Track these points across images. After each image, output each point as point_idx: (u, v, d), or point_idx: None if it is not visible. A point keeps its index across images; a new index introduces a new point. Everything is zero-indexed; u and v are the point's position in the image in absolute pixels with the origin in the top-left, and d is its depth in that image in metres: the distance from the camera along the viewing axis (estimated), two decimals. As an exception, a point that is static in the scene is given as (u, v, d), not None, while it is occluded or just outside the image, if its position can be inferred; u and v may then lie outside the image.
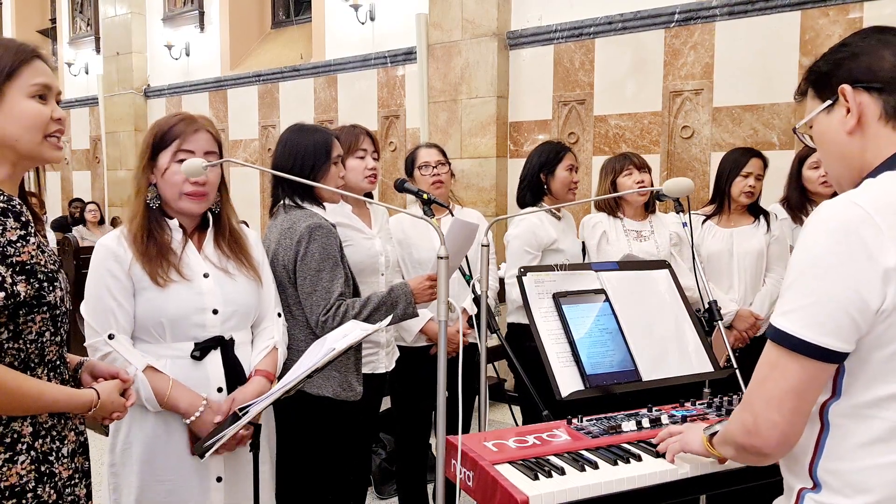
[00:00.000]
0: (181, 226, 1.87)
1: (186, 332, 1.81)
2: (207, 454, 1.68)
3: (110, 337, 1.75)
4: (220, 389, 1.84)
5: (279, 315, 2.05)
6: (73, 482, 1.43)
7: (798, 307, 1.09)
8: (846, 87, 1.16)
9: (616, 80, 4.83)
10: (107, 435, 1.88)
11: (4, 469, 1.31)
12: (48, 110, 1.38)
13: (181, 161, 1.79)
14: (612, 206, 3.03)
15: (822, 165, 1.29)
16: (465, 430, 2.21)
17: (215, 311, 1.84)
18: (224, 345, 1.85)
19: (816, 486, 1.14)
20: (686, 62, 4.54)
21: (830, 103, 1.20)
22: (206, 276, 1.85)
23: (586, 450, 1.60)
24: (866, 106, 1.15)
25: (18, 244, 1.27)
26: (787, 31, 4.12)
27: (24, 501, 1.33)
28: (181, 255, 1.84)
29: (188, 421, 1.78)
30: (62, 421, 1.42)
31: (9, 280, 1.24)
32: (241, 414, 1.64)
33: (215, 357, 1.83)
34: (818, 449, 1.14)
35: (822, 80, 1.22)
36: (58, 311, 1.38)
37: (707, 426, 1.42)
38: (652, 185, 3.00)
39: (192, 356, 1.81)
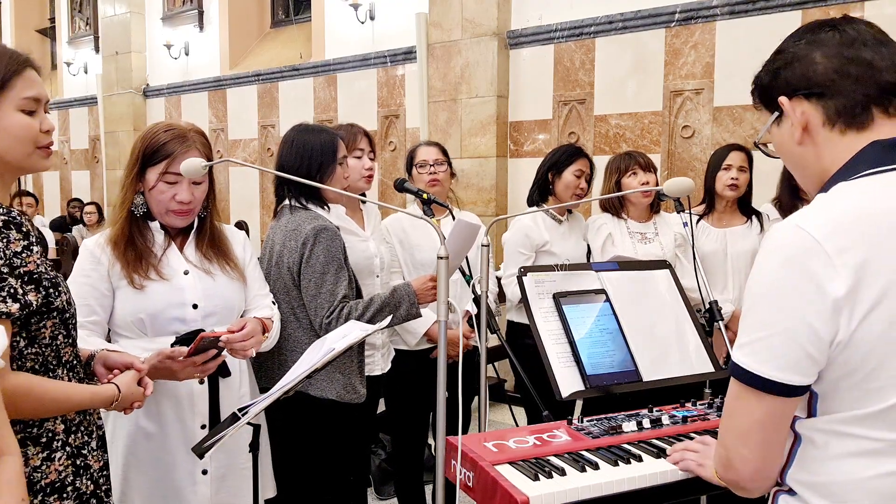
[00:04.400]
0: (164, 227, 1.90)
1: (167, 327, 1.83)
2: (207, 454, 1.67)
3: None
4: (201, 381, 1.87)
5: (273, 303, 2.06)
6: (102, 473, 1.49)
7: (752, 340, 1.06)
8: (784, 100, 1.13)
9: (616, 79, 4.82)
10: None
11: (43, 468, 1.35)
12: (37, 123, 1.37)
13: (168, 182, 1.82)
14: (616, 207, 3.01)
15: (792, 173, 1.26)
16: (464, 431, 2.21)
17: (195, 306, 1.86)
18: None
19: (791, 491, 1.12)
20: (687, 62, 4.53)
21: (778, 115, 1.16)
22: (186, 273, 1.88)
23: (587, 450, 1.59)
24: (809, 115, 1.11)
25: (23, 254, 1.28)
26: (787, 30, 4.02)
27: (65, 495, 1.37)
28: (161, 256, 1.87)
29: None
30: (87, 416, 1.47)
31: (20, 291, 1.27)
32: (240, 414, 1.64)
33: None
34: (790, 458, 1.12)
35: (764, 93, 1.18)
36: (67, 315, 1.40)
37: None
38: (657, 185, 2.99)
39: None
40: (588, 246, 3.04)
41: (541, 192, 3.03)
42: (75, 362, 1.46)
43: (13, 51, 1.37)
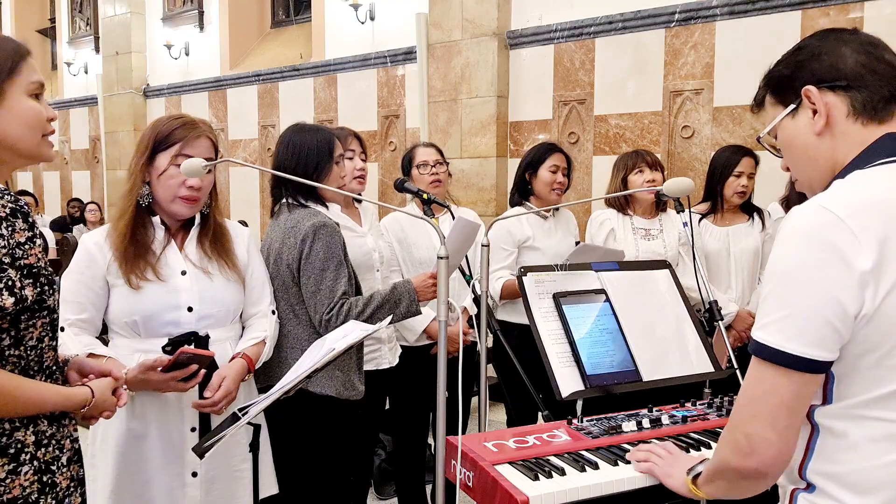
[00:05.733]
0: (164, 224, 1.89)
1: (160, 329, 1.83)
2: (207, 454, 1.67)
3: (61, 329, 1.75)
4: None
5: (273, 312, 2.05)
6: (70, 492, 1.40)
7: (777, 319, 1.06)
8: (811, 89, 1.14)
9: (616, 79, 4.83)
10: (87, 427, 1.89)
11: (7, 481, 1.27)
12: (43, 109, 1.36)
13: (180, 165, 1.80)
14: (621, 204, 3.03)
15: (791, 171, 1.26)
16: (464, 428, 2.21)
17: (190, 309, 1.85)
18: (198, 340, 1.85)
19: (809, 487, 1.12)
20: (686, 62, 4.53)
21: (794, 107, 1.17)
22: (183, 273, 1.87)
23: (586, 450, 1.59)
24: (833, 106, 1.13)
25: (26, 246, 1.24)
26: (787, 31, 4.11)
27: None
28: (160, 255, 1.86)
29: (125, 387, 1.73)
30: (61, 429, 1.40)
31: (18, 284, 1.22)
32: (240, 414, 1.64)
33: None
34: (808, 451, 1.12)
35: (783, 84, 1.19)
36: (55, 315, 1.36)
37: (690, 468, 1.34)
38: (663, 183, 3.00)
39: (164, 350, 1.82)
40: (577, 242, 3.06)
41: (520, 193, 3.07)
42: (54, 367, 1.40)
43: (14, 39, 1.36)
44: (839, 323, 1.03)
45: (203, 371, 1.78)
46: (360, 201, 2.58)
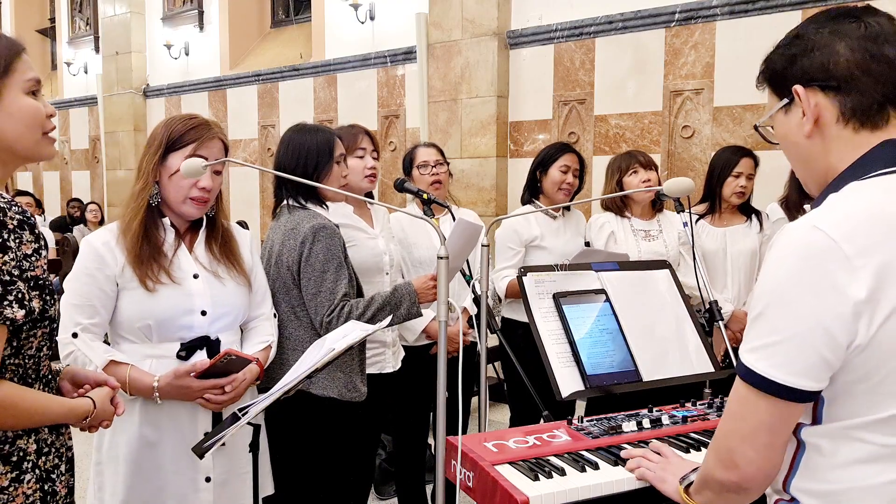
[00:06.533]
0: (173, 226, 1.88)
1: (173, 334, 1.81)
2: (207, 454, 1.67)
3: (74, 335, 1.75)
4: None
5: (275, 315, 2.05)
6: (67, 500, 1.39)
7: (764, 344, 1.02)
8: (799, 89, 1.07)
9: (616, 79, 4.83)
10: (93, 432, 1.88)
11: (11, 489, 1.25)
12: (42, 107, 1.34)
13: None
14: (619, 206, 3.01)
15: (790, 164, 1.21)
16: (464, 428, 2.21)
17: (203, 313, 1.84)
18: (210, 345, 1.85)
19: (793, 501, 1.10)
20: (686, 62, 4.54)
21: (787, 102, 1.11)
22: (195, 276, 1.85)
23: (587, 450, 1.59)
24: (823, 108, 1.06)
25: (33, 258, 1.24)
26: (787, 30, 4.11)
27: None
28: (172, 257, 1.84)
29: (156, 394, 1.76)
30: (59, 437, 1.39)
31: (27, 296, 1.22)
32: (240, 414, 1.64)
33: (201, 356, 1.83)
34: (793, 466, 1.10)
35: (776, 77, 1.13)
36: (55, 325, 1.36)
37: (683, 476, 1.33)
38: (659, 184, 2.99)
39: (178, 356, 1.81)
40: (587, 244, 3.05)
41: (531, 191, 3.06)
42: (50, 377, 1.38)
43: (7, 36, 1.34)
44: (829, 353, 0.98)
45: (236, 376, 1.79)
46: (368, 202, 2.58)
